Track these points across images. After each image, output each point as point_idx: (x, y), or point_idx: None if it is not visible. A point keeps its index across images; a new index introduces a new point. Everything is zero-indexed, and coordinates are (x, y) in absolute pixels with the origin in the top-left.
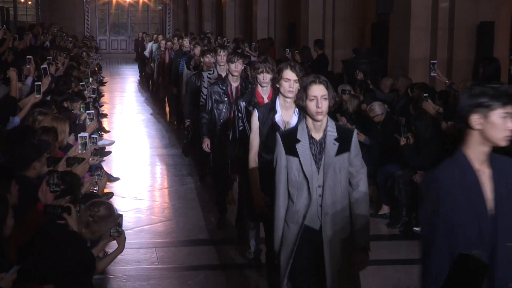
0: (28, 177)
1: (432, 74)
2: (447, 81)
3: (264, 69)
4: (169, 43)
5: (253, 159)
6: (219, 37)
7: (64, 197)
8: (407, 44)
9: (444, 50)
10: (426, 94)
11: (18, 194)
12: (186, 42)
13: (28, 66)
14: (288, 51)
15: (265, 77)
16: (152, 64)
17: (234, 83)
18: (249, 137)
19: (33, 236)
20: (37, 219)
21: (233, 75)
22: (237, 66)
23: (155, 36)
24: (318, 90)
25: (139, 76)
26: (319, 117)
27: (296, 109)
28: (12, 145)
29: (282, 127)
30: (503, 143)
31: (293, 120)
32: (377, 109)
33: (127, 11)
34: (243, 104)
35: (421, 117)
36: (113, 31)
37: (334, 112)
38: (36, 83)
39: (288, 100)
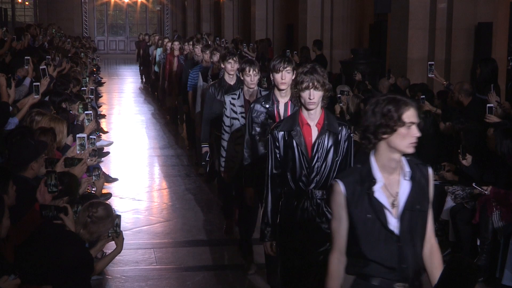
0: (26, 177)
1: (429, 75)
2: (444, 82)
3: (310, 84)
4: (186, 46)
5: (337, 263)
6: (217, 37)
7: (62, 197)
8: (405, 44)
9: (442, 51)
10: (423, 96)
11: (15, 195)
12: (198, 50)
13: (26, 67)
14: (288, 53)
15: (312, 95)
16: (156, 69)
17: (282, 99)
18: (331, 226)
19: (30, 237)
20: (35, 220)
21: (280, 89)
22: (285, 76)
23: (158, 38)
24: None
25: (140, 81)
26: None
27: (407, 170)
28: (10, 146)
29: (389, 207)
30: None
31: (403, 189)
32: None
33: (125, 12)
34: (280, 134)
35: (425, 113)
36: (111, 32)
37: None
38: (34, 83)
39: (397, 156)
